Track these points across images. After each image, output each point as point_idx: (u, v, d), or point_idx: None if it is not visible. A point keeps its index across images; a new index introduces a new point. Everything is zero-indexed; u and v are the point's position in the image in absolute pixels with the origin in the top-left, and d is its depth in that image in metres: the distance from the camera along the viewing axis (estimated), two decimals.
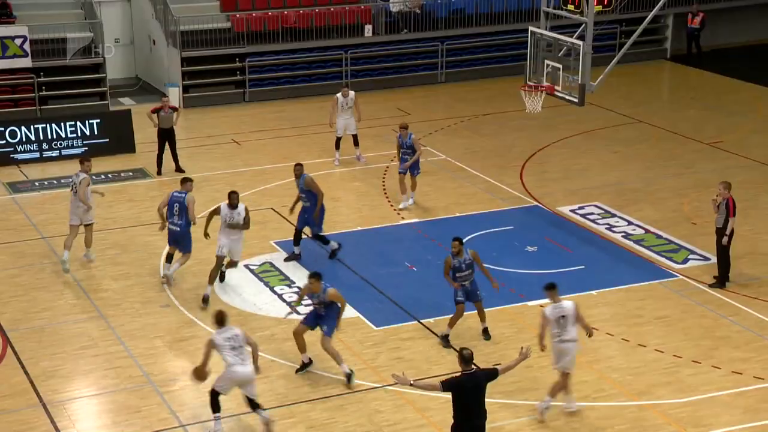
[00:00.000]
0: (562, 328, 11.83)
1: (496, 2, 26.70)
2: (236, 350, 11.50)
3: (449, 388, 10.36)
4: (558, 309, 11.87)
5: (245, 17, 24.84)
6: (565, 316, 11.82)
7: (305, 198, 15.97)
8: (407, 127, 18.07)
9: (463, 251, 13.64)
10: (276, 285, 15.47)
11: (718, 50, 29.03)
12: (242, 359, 11.51)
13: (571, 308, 11.87)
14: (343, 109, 20.04)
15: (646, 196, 18.91)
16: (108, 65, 24.03)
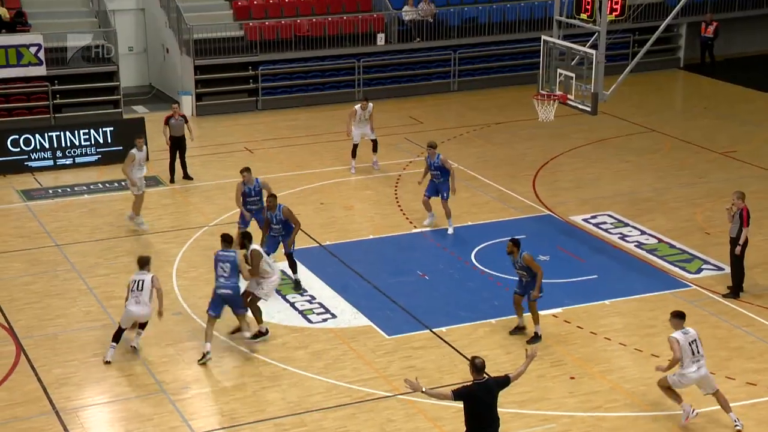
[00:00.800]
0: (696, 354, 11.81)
1: (509, 11, 26.72)
2: (135, 292, 13.38)
3: (461, 398, 10.35)
4: (688, 335, 11.81)
5: (258, 26, 24.92)
6: (695, 341, 11.80)
7: (280, 228, 15.22)
8: (435, 146, 17.31)
9: (517, 252, 13.76)
10: (288, 293, 15.49)
11: (732, 59, 28.96)
12: (136, 300, 13.37)
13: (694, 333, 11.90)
14: (360, 121, 20.10)
15: (658, 205, 18.86)
16: (121, 73, 24.15)
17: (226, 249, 13.57)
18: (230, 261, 13.42)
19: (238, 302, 13.63)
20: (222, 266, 13.45)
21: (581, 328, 14.43)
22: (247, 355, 13.77)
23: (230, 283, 13.45)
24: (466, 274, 16.12)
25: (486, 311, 14.85)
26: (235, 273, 13.47)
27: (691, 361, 11.80)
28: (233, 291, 13.50)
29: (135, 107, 24.91)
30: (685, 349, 11.78)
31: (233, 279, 13.44)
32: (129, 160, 17.44)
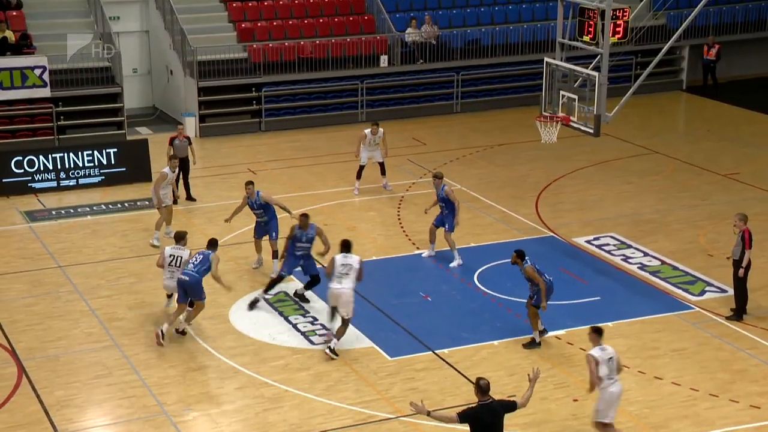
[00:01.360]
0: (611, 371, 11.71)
1: (512, 33, 26.82)
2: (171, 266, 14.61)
3: (466, 420, 10.31)
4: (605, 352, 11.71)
5: (262, 47, 25.04)
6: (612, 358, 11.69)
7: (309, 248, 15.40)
8: (441, 177, 17.08)
9: (521, 264, 14.07)
10: (291, 315, 15.47)
11: (734, 82, 29.02)
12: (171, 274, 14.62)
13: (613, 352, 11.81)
14: (370, 145, 20.14)
15: (661, 227, 18.85)
16: (125, 95, 24.25)
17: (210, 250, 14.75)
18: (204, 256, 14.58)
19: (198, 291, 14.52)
20: (196, 256, 14.60)
21: (584, 350, 14.36)
22: (249, 376, 13.74)
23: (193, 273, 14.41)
24: (469, 295, 16.10)
25: (488, 333, 14.82)
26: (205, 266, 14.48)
27: (607, 377, 11.64)
28: (191, 279, 14.38)
29: (139, 129, 24.99)
30: (603, 365, 11.64)
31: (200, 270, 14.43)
32: (161, 179, 17.70)
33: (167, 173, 17.81)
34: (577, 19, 17.63)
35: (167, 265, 14.70)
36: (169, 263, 14.67)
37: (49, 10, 25.02)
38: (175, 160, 18.26)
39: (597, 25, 17.18)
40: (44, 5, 25.10)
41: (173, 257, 14.67)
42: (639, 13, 21.00)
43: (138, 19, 26.47)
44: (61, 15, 24.94)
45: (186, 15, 25.19)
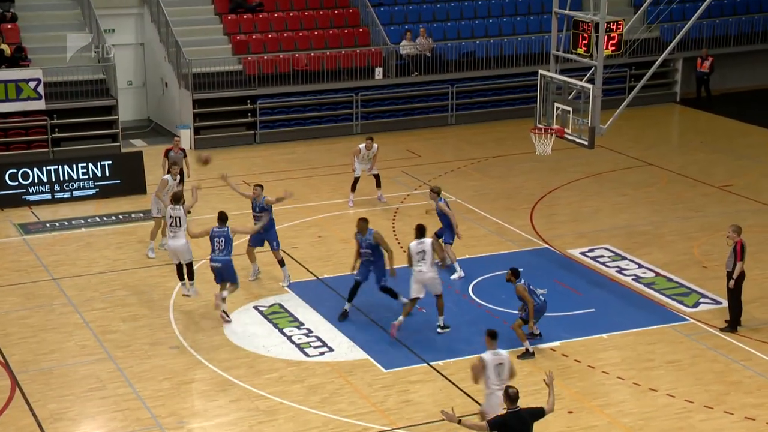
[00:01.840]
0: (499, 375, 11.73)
1: (506, 45, 26.90)
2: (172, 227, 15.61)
3: (495, 427, 10.41)
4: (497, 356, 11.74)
5: (257, 60, 25.07)
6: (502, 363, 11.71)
7: (370, 253, 15.32)
8: (438, 192, 17.01)
9: (514, 281, 14.34)
10: (285, 327, 15.45)
11: (727, 94, 29.13)
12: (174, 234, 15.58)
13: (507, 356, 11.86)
14: (363, 159, 20.17)
15: (655, 239, 18.88)
16: (120, 107, 24.25)
17: (221, 226, 15.39)
18: (224, 235, 15.25)
19: (230, 273, 15.30)
20: (217, 241, 15.22)
21: (579, 362, 14.38)
22: (244, 389, 13.70)
23: (222, 256, 15.20)
24: (464, 307, 16.09)
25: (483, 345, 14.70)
26: (229, 246, 15.23)
27: (493, 383, 11.65)
28: (223, 264, 15.19)
29: (133, 141, 25.00)
30: (491, 370, 11.65)
31: (228, 251, 15.24)
32: (162, 186, 17.58)
33: (168, 180, 17.72)
34: (572, 32, 17.68)
35: (169, 226, 15.78)
36: (170, 224, 15.74)
37: (44, 23, 25.05)
38: (176, 167, 18.13)
39: (591, 38, 17.22)
40: (39, 18, 25.13)
41: (173, 219, 15.72)
42: (633, 25, 21.12)
43: (133, 31, 26.51)
44: (56, 28, 24.97)
45: (181, 27, 25.24)
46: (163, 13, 25.24)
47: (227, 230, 15.33)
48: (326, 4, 27.05)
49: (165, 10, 25.24)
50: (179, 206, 15.78)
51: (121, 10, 26.10)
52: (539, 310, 14.42)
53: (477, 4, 28.08)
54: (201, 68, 24.59)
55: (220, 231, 15.37)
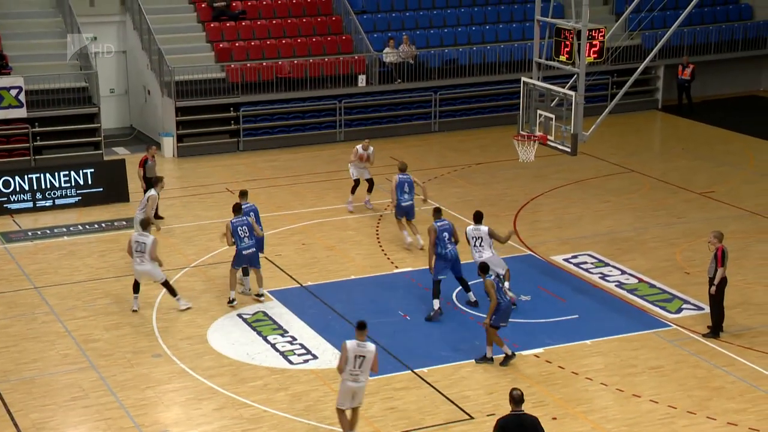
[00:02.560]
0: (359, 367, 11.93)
1: (489, 53, 26.98)
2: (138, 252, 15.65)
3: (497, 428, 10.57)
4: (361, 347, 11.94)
5: (240, 67, 25.04)
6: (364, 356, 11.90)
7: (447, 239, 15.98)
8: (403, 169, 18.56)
9: (483, 276, 14.39)
10: (269, 334, 15.41)
11: (708, 101, 29.32)
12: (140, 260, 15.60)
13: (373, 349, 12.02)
14: (360, 162, 20.18)
15: (638, 245, 18.95)
16: (102, 115, 24.16)
17: (238, 216, 15.96)
18: (246, 224, 15.90)
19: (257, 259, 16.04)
20: (241, 230, 15.84)
21: (562, 368, 14.41)
22: (228, 397, 13.65)
23: (252, 242, 15.94)
24: (447, 314, 16.09)
25: (467, 351, 14.81)
26: (253, 232, 15.92)
27: (350, 373, 11.88)
28: (254, 249, 15.97)
29: (116, 149, 24.90)
30: (350, 359, 11.86)
31: (253, 238, 15.94)
32: (153, 203, 17.52)
33: (156, 196, 17.59)
34: (554, 39, 17.75)
35: (135, 251, 15.64)
36: (136, 249, 15.65)
37: (25, 30, 24.94)
38: (162, 182, 18.01)
39: (573, 45, 17.31)
40: (21, 26, 25.02)
41: (138, 243, 15.66)
42: (614, 33, 21.22)
43: (115, 39, 26.43)
44: (37, 36, 24.88)
45: (163, 35, 25.18)
46: (146, 21, 25.18)
47: (246, 219, 16.03)
48: (309, 12, 27.07)
49: (147, 17, 25.18)
50: (146, 232, 15.71)
51: (103, 18, 26.03)
52: (503, 309, 14.21)
53: (460, 11, 28.17)
54: (184, 76, 24.54)
55: (240, 220, 15.94)
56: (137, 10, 25.56)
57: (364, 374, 11.94)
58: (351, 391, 12.04)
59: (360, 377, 11.94)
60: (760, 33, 29.72)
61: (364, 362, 11.89)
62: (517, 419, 10.57)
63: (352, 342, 11.95)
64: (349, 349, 11.89)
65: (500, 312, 14.18)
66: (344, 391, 12.05)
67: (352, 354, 11.87)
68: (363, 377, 11.95)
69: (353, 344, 11.92)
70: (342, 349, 12.00)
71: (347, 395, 12.07)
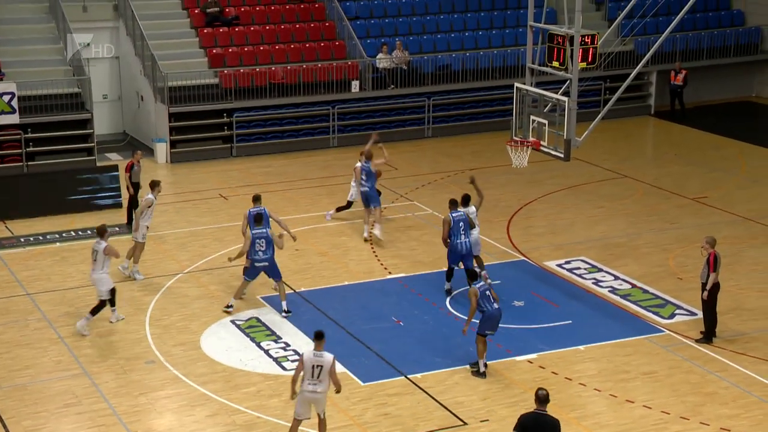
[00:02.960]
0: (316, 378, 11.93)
1: (482, 58, 27.03)
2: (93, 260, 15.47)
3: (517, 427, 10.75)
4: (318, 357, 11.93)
5: (233, 73, 25.05)
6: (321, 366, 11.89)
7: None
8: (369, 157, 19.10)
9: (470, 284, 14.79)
10: (262, 340, 15.39)
11: (701, 107, 29.40)
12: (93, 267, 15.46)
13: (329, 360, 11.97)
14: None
15: (631, 250, 18.99)
16: (95, 121, 24.13)
17: (258, 227, 15.90)
18: (266, 237, 15.81)
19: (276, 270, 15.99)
20: (258, 242, 15.74)
21: (556, 374, 14.42)
22: (221, 403, 13.63)
23: (267, 256, 15.82)
24: (441, 320, 16.10)
25: (461, 357, 14.81)
26: (271, 246, 15.82)
27: (309, 383, 11.88)
28: (269, 262, 15.84)
29: (109, 155, 24.86)
30: (307, 368, 11.88)
31: (270, 251, 15.84)
32: (145, 205, 17.33)
33: (152, 199, 17.48)
34: (547, 45, 17.80)
35: (93, 261, 15.47)
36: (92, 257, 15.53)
37: (18, 36, 24.91)
38: (159, 186, 17.80)
39: (566, 51, 17.35)
40: (13, 32, 24.99)
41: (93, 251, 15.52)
42: (607, 38, 21.25)
43: (108, 45, 26.39)
44: (30, 42, 24.85)
45: (156, 41, 25.18)
46: (139, 27, 25.17)
47: (266, 230, 15.92)
48: (302, 18, 27.09)
49: (140, 23, 25.18)
50: (102, 240, 15.44)
51: (96, 24, 26.00)
52: (489, 317, 14.07)
53: (453, 17, 28.22)
54: (177, 82, 24.53)
55: (261, 232, 15.82)
56: (130, 16, 25.55)
57: (322, 384, 11.90)
58: (308, 401, 12.02)
59: (318, 387, 11.90)
60: (752, 39, 29.84)
61: (321, 371, 11.85)
62: (538, 418, 10.69)
63: (309, 352, 11.96)
64: (305, 359, 11.89)
65: (485, 320, 14.10)
66: (302, 401, 12.04)
67: (309, 363, 11.85)
68: (321, 387, 11.91)
69: (310, 354, 11.93)
70: (299, 360, 12.01)
71: (305, 405, 12.05)
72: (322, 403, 12.10)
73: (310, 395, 11.97)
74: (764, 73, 30.43)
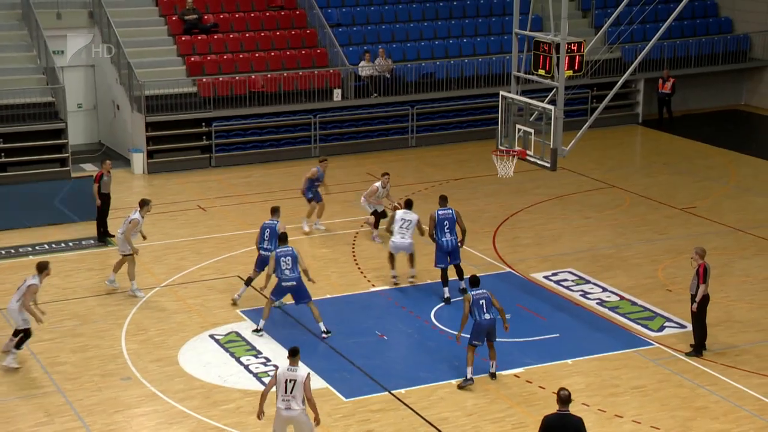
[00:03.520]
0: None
1: (467, 66, 27.09)
2: None
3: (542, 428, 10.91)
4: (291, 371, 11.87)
5: (211, 81, 25.00)
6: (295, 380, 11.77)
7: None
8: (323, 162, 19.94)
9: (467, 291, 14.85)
10: (242, 355, 15.31)
11: (689, 115, 29.57)
12: None
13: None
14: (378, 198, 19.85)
15: (619, 262, 19.03)
16: (70, 131, 24.01)
17: (283, 246, 15.72)
18: (291, 255, 15.58)
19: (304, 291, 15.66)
20: (284, 260, 15.53)
21: (543, 389, 14.41)
22: (199, 421, 13.54)
23: (294, 275, 15.56)
24: (426, 333, 16.08)
25: (446, 372, 14.79)
26: (297, 265, 15.55)
27: (282, 399, 11.73)
28: (297, 282, 15.58)
29: (84, 165, 24.74)
30: (280, 384, 11.77)
31: (297, 270, 15.58)
32: (131, 227, 16.98)
33: (139, 219, 17.15)
34: (532, 53, 17.85)
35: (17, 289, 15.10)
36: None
37: None
38: (148, 206, 17.44)
39: (552, 59, 17.40)
40: None
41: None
42: (594, 46, 21.36)
43: (83, 52, 26.32)
44: (2, 49, 24.73)
45: (133, 49, 25.11)
46: (115, 34, 25.10)
47: (292, 249, 15.73)
48: (283, 25, 27.09)
49: (116, 30, 25.10)
50: (38, 276, 14.93)
51: (70, 31, 25.90)
52: (477, 327, 14.24)
53: (437, 24, 28.29)
54: (154, 90, 24.46)
55: (285, 250, 15.69)
56: (106, 23, 25.47)
57: (297, 401, 11.68)
58: (284, 421, 11.79)
59: (292, 404, 11.69)
60: (741, 46, 30.05)
61: (295, 386, 11.67)
62: (562, 419, 10.82)
63: (282, 367, 11.84)
64: (278, 374, 11.75)
65: (473, 330, 14.23)
66: (278, 421, 11.84)
67: (282, 378, 11.69)
68: (295, 404, 11.69)
69: (283, 368, 11.80)
70: (272, 376, 11.90)
71: (281, 426, 11.83)
72: (304, 426, 11.84)
73: (285, 414, 11.76)
74: (753, 80, 30.66)
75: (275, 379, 11.82)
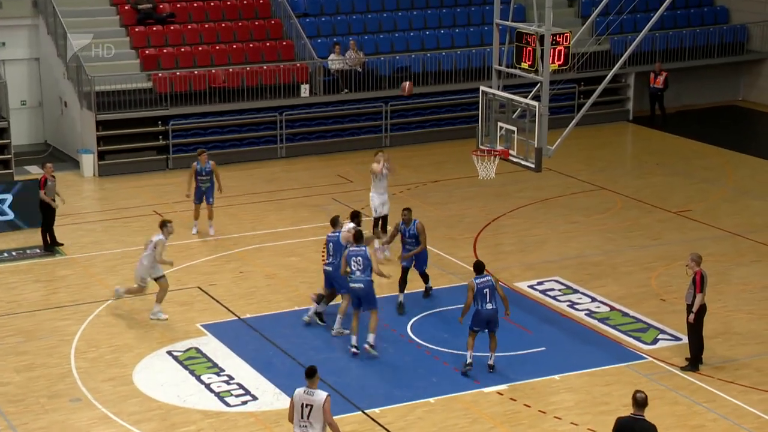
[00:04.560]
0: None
1: (445, 60, 27.21)
2: None
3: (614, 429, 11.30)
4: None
5: (168, 76, 24.95)
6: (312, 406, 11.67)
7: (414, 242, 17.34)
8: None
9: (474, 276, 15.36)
10: (203, 373, 15.28)
11: (683, 112, 29.82)
12: None
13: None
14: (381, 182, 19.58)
15: (609, 269, 19.16)
16: (13, 130, 23.87)
17: (358, 245, 15.66)
18: (362, 255, 15.53)
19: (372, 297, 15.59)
20: (355, 260, 15.51)
21: (528, 407, 14.48)
22: None
23: (364, 277, 15.50)
24: (402, 348, 16.11)
25: (423, 389, 14.83)
26: (369, 267, 15.48)
27: (299, 425, 11.64)
28: (366, 285, 15.51)
29: (28, 167, 24.60)
30: (296, 408, 11.66)
31: (368, 273, 15.49)
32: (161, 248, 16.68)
33: (164, 239, 16.79)
34: (515, 45, 17.95)
35: None
36: None
37: None
38: (171, 225, 17.10)
39: (536, 51, 17.52)
40: None
41: None
42: (581, 38, 21.50)
43: (26, 45, 26.17)
44: None
45: (82, 41, 24.96)
46: (61, 25, 24.99)
47: (365, 249, 15.67)
48: (246, 15, 27.09)
49: (63, 20, 25.00)
50: None
51: (12, 21, 25.77)
52: (477, 314, 14.94)
53: (412, 14, 28.39)
54: (105, 86, 24.37)
55: (358, 250, 15.66)
56: (51, 12, 25.36)
57: (314, 426, 11.58)
58: None
59: (309, 429, 11.62)
60: (738, 37, 30.35)
61: (312, 411, 11.59)
62: (635, 423, 11.10)
63: (300, 389, 11.71)
64: (295, 398, 11.68)
65: (474, 316, 15.03)
66: None
67: (298, 402, 11.63)
68: (312, 430, 11.61)
69: (300, 391, 11.68)
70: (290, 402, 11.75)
71: None
72: None
73: None
74: (751, 74, 30.97)
75: (293, 401, 11.60)
